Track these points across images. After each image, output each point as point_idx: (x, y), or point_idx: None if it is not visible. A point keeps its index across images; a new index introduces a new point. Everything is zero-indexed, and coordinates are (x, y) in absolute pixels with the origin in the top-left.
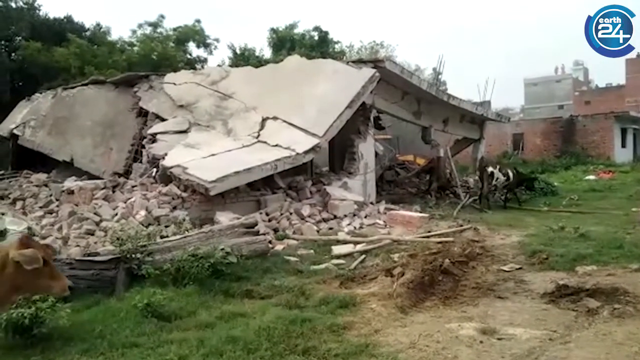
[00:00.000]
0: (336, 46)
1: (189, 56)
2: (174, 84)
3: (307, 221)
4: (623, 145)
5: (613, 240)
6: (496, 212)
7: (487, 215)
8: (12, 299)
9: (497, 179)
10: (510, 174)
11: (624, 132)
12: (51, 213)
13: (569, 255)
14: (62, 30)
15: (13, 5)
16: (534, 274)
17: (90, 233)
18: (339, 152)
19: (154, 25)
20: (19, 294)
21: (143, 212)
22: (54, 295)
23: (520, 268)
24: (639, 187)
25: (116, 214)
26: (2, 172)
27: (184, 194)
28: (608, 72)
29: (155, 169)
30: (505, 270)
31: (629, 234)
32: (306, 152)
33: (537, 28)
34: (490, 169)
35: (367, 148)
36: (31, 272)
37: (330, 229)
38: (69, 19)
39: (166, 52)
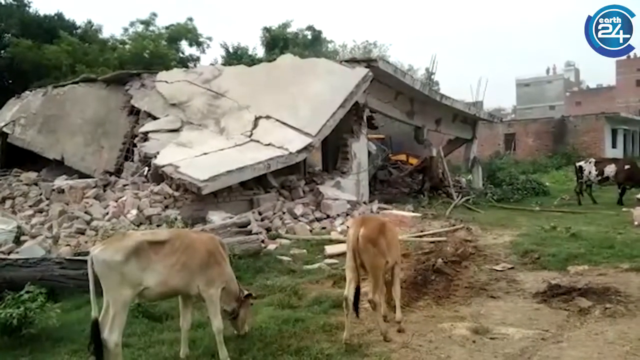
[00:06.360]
0: (329, 45)
1: (181, 55)
2: (166, 82)
3: (300, 220)
4: (614, 146)
5: (604, 240)
6: (488, 212)
7: (479, 215)
8: None
9: (590, 173)
10: (610, 170)
11: (614, 132)
12: (41, 212)
13: (560, 255)
14: (53, 28)
15: (2, 1)
16: (526, 274)
17: (81, 232)
18: (332, 151)
19: (146, 23)
20: None
21: (134, 211)
22: None
23: (512, 268)
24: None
25: (107, 213)
26: None
27: (176, 193)
28: (599, 73)
29: (147, 168)
30: (497, 270)
31: (620, 234)
32: (299, 152)
33: (531, 29)
34: (579, 163)
35: (360, 147)
36: None
37: (323, 228)
38: (59, 16)
39: (158, 51)
